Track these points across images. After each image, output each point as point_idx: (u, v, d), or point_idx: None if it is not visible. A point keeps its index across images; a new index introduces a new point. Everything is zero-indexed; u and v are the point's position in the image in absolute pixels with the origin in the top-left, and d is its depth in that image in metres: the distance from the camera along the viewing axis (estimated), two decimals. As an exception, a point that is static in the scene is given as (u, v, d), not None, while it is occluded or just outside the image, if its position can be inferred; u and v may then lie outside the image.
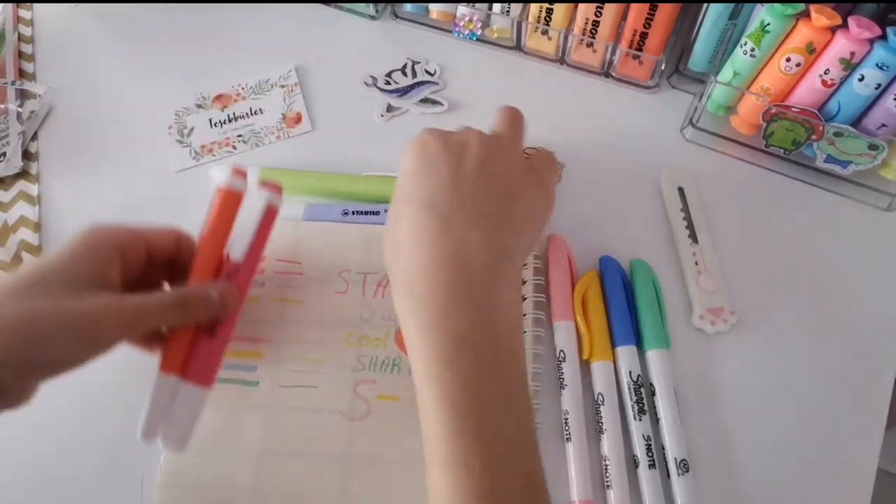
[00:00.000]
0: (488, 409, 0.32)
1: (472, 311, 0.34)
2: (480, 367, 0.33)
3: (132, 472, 0.43)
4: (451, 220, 0.36)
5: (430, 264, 0.35)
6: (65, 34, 0.63)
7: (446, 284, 0.34)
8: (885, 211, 0.52)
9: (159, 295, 0.38)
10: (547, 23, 0.56)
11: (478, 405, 0.32)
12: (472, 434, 0.31)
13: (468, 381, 0.32)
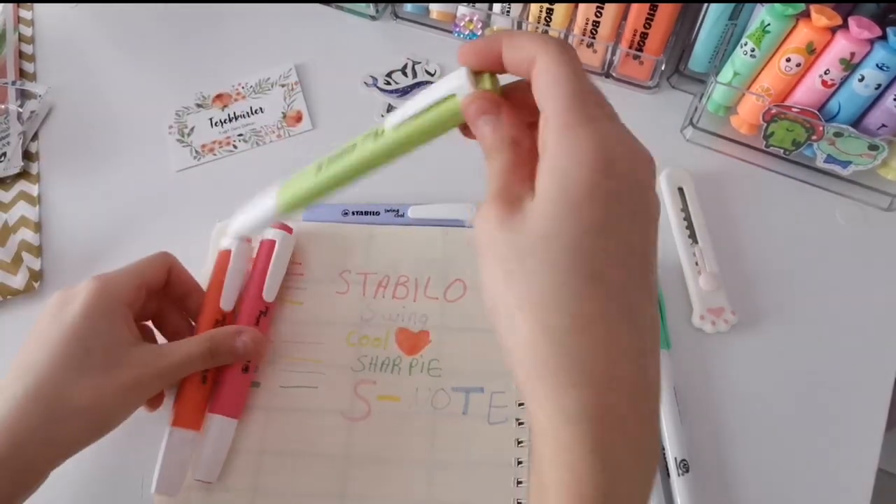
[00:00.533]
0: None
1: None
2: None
3: (132, 473, 0.43)
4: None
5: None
6: (65, 34, 0.63)
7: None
8: (885, 211, 0.52)
9: (186, 347, 0.40)
10: (547, 23, 0.56)
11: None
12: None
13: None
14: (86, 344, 0.37)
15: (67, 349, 0.37)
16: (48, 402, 0.35)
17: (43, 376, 0.36)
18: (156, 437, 0.43)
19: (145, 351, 0.39)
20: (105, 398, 0.37)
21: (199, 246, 0.49)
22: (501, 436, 0.43)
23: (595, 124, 0.27)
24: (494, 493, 0.42)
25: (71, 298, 0.38)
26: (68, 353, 0.37)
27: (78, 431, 0.37)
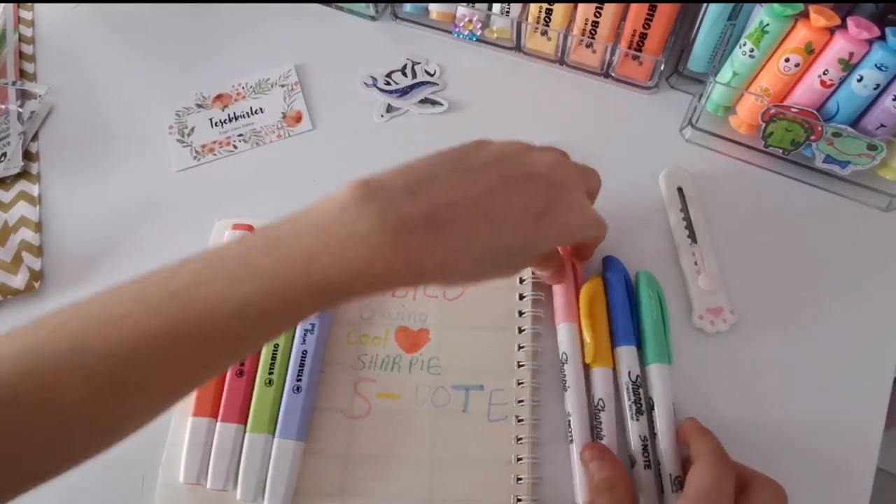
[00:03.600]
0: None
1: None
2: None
3: (133, 472, 0.43)
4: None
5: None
6: (65, 34, 0.63)
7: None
8: (884, 211, 0.52)
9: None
10: (546, 23, 0.56)
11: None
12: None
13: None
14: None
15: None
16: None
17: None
18: (156, 437, 0.43)
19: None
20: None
21: (198, 246, 0.49)
22: (501, 433, 0.43)
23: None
24: (494, 490, 0.42)
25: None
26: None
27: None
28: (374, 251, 0.31)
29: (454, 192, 0.34)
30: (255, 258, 0.31)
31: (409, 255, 0.32)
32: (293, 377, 0.43)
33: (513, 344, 0.45)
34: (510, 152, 0.37)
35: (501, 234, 0.34)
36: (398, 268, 0.31)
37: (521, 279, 0.47)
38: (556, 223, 0.36)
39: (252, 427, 0.42)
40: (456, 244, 0.33)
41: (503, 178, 0.35)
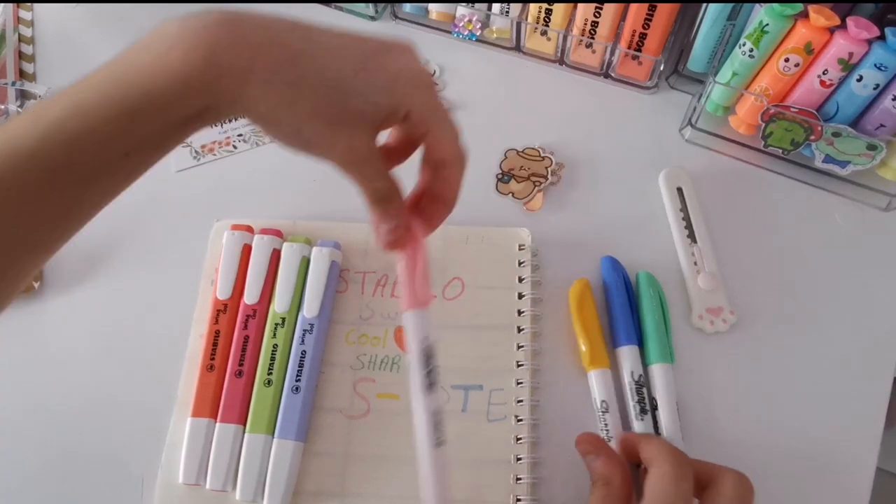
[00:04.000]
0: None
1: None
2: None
3: (133, 473, 0.43)
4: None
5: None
6: (65, 35, 0.63)
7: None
8: (884, 211, 0.52)
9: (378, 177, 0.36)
10: (546, 23, 0.56)
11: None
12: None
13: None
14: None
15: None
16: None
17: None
18: (155, 437, 0.43)
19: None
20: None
21: (198, 245, 0.49)
22: (500, 433, 0.43)
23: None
24: (494, 489, 0.42)
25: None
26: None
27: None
28: (168, 47, 0.31)
29: (276, 17, 0.33)
30: (65, 90, 0.31)
31: (207, 46, 0.30)
32: (292, 377, 0.43)
33: (512, 344, 0.45)
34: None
35: (319, 54, 0.32)
36: (195, 60, 0.30)
37: (521, 278, 0.47)
38: (386, 67, 0.33)
39: (251, 427, 0.42)
40: (268, 43, 0.31)
41: (331, 28, 0.34)
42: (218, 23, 0.31)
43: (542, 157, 0.54)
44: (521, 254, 0.48)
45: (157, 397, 0.44)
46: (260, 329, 0.45)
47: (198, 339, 0.45)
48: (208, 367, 0.44)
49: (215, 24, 0.31)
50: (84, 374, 0.46)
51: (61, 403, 0.45)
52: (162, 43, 0.31)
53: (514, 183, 0.53)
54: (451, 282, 0.47)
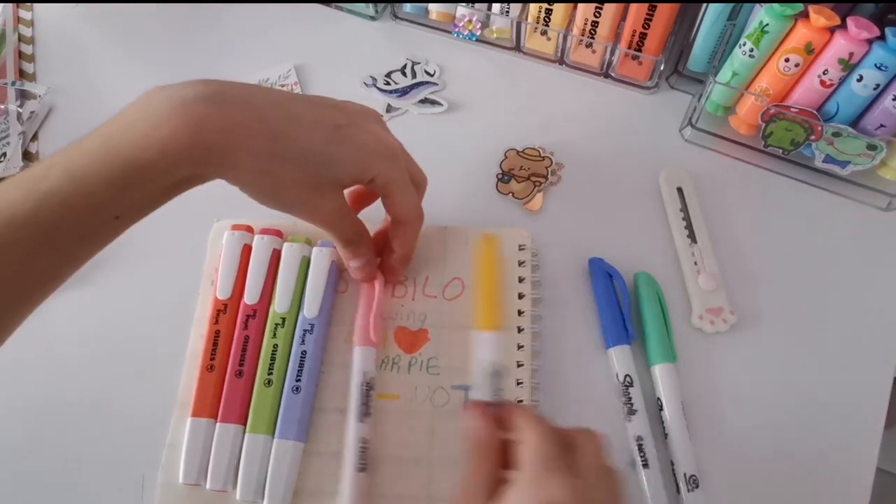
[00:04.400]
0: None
1: None
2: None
3: (133, 473, 0.43)
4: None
5: None
6: (65, 34, 0.63)
7: None
8: (884, 211, 0.52)
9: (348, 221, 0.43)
10: (546, 23, 0.56)
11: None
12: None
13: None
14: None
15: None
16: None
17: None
18: (155, 437, 0.43)
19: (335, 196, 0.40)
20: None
21: (198, 245, 0.49)
22: (500, 434, 0.43)
23: (554, 478, 0.33)
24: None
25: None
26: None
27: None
28: (158, 122, 0.33)
29: (252, 88, 0.36)
30: (55, 157, 0.33)
31: (194, 122, 0.33)
32: (292, 377, 0.43)
33: (512, 344, 0.45)
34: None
35: (295, 129, 0.36)
36: (183, 136, 0.33)
37: (521, 278, 0.47)
38: (354, 138, 0.38)
39: (251, 427, 0.42)
40: (250, 120, 0.35)
41: (306, 97, 0.39)
42: (204, 99, 0.34)
43: (542, 157, 0.54)
44: (521, 254, 0.48)
45: (158, 397, 0.44)
46: (260, 329, 0.45)
47: (198, 339, 0.45)
48: (208, 368, 0.44)
49: (202, 100, 0.34)
50: (84, 374, 0.46)
51: (61, 403, 0.45)
52: (151, 117, 0.33)
53: (515, 183, 0.53)
54: (451, 282, 0.47)
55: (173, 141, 0.33)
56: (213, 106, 0.34)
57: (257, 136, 0.35)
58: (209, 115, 0.34)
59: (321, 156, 0.37)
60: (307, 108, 0.37)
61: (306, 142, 0.36)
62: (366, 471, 0.41)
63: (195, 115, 0.33)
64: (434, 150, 0.55)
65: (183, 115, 0.33)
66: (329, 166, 0.37)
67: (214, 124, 0.34)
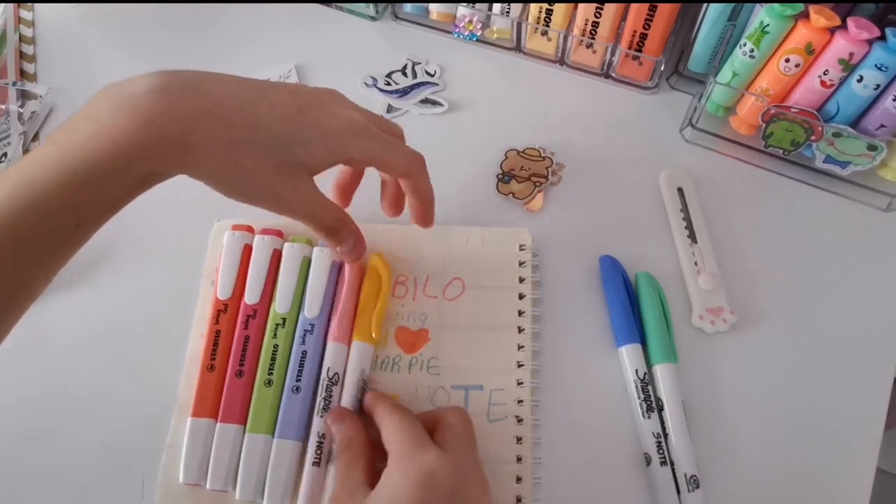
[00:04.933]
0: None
1: None
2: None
3: (133, 473, 0.43)
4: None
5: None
6: (65, 35, 0.63)
7: None
8: (884, 211, 0.52)
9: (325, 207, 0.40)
10: (547, 23, 0.56)
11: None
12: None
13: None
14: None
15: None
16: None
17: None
18: (155, 437, 0.43)
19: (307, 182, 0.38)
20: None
21: (198, 245, 0.49)
22: (501, 433, 0.43)
23: (422, 452, 0.36)
24: (494, 489, 0.41)
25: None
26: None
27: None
28: (107, 120, 0.31)
29: (204, 74, 0.35)
30: (10, 167, 0.32)
31: (144, 117, 0.31)
32: (292, 378, 0.43)
33: (513, 344, 0.45)
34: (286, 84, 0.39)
35: (255, 115, 0.34)
36: (134, 131, 0.31)
37: (521, 278, 0.47)
38: (318, 122, 0.36)
39: (251, 427, 0.42)
40: (204, 108, 0.33)
41: (263, 83, 0.37)
42: (153, 91, 0.32)
43: (542, 157, 0.54)
44: (521, 254, 0.48)
45: (158, 397, 0.44)
46: (260, 329, 0.45)
47: (198, 339, 0.45)
48: (209, 367, 0.44)
49: (152, 92, 0.32)
50: (84, 374, 0.46)
51: (61, 403, 0.45)
52: (100, 117, 0.32)
53: (515, 183, 0.53)
54: (451, 282, 0.47)
55: (123, 139, 0.31)
56: (162, 97, 0.32)
57: (214, 125, 0.33)
58: (159, 108, 0.32)
59: (285, 140, 0.35)
60: (265, 92, 0.36)
61: (268, 126, 0.35)
62: (320, 465, 0.41)
63: (145, 110, 0.32)
64: (434, 151, 0.55)
65: (132, 111, 0.32)
66: (295, 150, 0.35)
67: (165, 117, 0.32)
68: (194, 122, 0.33)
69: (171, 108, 0.32)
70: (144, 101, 0.32)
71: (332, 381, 0.43)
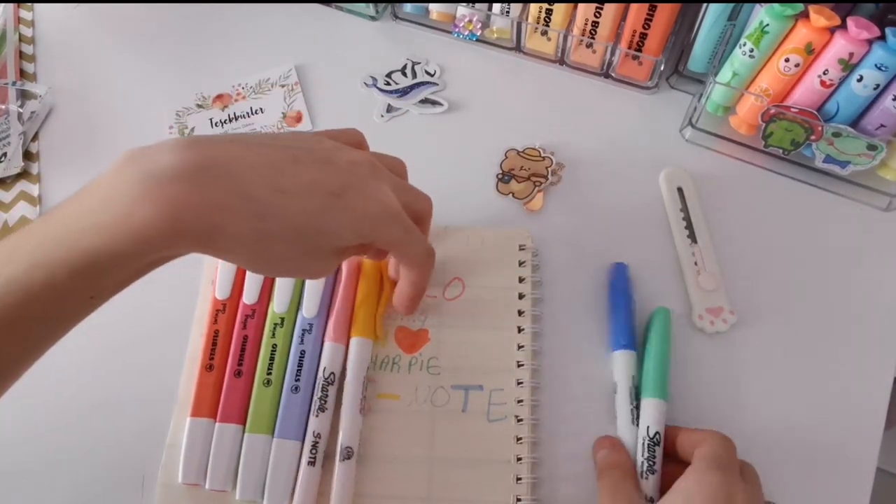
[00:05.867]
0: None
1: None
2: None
3: (133, 473, 0.43)
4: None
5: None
6: (65, 35, 0.63)
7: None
8: (884, 211, 0.52)
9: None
10: (546, 23, 0.56)
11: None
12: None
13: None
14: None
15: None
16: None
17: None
18: (155, 437, 0.43)
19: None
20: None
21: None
22: (501, 433, 0.43)
23: (727, 473, 0.37)
24: (494, 489, 0.42)
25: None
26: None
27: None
28: (129, 207, 0.29)
29: (233, 151, 0.32)
30: (21, 237, 0.31)
31: (170, 208, 0.29)
32: (291, 377, 0.43)
33: (512, 344, 0.45)
34: (313, 140, 0.36)
35: (287, 205, 0.32)
36: (158, 223, 0.29)
37: (521, 278, 0.47)
38: (351, 207, 0.34)
39: (251, 427, 0.42)
40: (232, 198, 0.31)
41: (294, 154, 0.34)
42: (180, 177, 0.30)
43: (542, 157, 0.54)
44: (521, 254, 0.48)
45: (158, 397, 0.44)
46: (259, 329, 0.45)
47: (198, 339, 0.45)
48: (207, 367, 0.44)
49: (178, 178, 0.30)
50: (84, 374, 0.46)
51: (61, 403, 0.45)
52: (122, 199, 0.29)
53: (515, 183, 0.53)
54: (451, 282, 0.47)
55: (146, 229, 0.29)
56: (189, 185, 0.30)
57: (242, 218, 0.31)
58: (186, 199, 0.29)
59: (314, 229, 0.33)
60: (298, 172, 0.33)
61: (297, 215, 0.33)
62: (314, 465, 0.41)
63: (170, 199, 0.29)
64: (434, 151, 0.55)
65: (157, 199, 0.29)
66: (324, 238, 0.34)
67: (192, 211, 0.30)
68: (222, 216, 0.31)
69: (198, 198, 0.30)
70: (170, 188, 0.29)
71: (328, 381, 0.43)
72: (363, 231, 0.35)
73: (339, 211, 0.34)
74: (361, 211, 0.35)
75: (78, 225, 0.30)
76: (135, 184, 0.29)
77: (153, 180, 0.29)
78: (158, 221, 0.29)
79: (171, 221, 0.29)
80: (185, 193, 0.30)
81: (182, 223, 0.30)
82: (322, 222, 0.33)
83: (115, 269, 0.31)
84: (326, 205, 0.33)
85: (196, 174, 0.30)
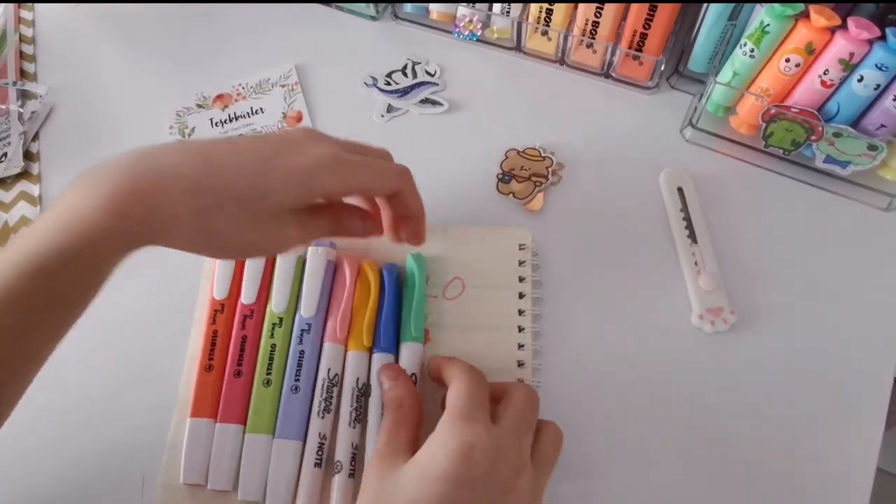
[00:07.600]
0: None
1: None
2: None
3: (133, 473, 0.43)
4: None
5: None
6: (65, 35, 0.63)
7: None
8: (885, 211, 0.52)
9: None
10: (547, 23, 0.56)
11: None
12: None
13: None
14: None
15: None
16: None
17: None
18: (156, 437, 0.43)
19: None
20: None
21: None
22: (500, 434, 0.43)
23: (471, 424, 0.35)
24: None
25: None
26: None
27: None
28: (74, 202, 0.32)
29: (170, 147, 0.35)
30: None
31: (109, 196, 0.32)
32: (291, 377, 0.43)
33: (513, 344, 0.45)
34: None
35: (222, 174, 0.34)
36: (99, 213, 0.31)
37: (522, 278, 0.47)
38: (286, 164, 0.35)
39: (251, 427, 0.42)
40: (164, 181, 0.33)
41: (233, 138, 0.37)
42: (119, 170, 0.32)
43: (542, 157, 0.54)
44: (521, 253, 0.48)
45: (159, 397, 0.44)
46: (257, 329, 0.45)
47: (198, 340, 0.45)
48: (207, 368, 0.44)
49: (117, 171, 0.32)
50: (84, 374, 0.46)
51: (61, 404, 0.45)
52: (68, 199, 0.32)
53: (515, 183, 0.53)
54: (451, 282, 0.47)
55: (89, 219, 0.31)
56: (126, 176, 0.32)
57: (176, 198, 0.33)
58: (123, 186, 0.32)
59: (254, 193, 0.34)
60: (228, 148, 0.35)
61: (231, 183, 0.34)
62: (320, 467, 0.41)
63: (109, 188, 0.32)
64: (434, 151, 0.55)
65: (97, 191, 0.32)
66: (266, 200, 0.35)
67: (129, 194, 0.32)
68: (155, 198, 0.32)
69: (133, 185, 0.32)
70: (106, 181, 0.32)
71: (332, 383, 0.43)
72: (304, 184, 0.35)
73: (275, 170, 0.35)
74: (295, 165, 0.35)
75: (31, 230, 0.32)
76: (79, 186, 0.32)
77: (94, 178, 0.32)
78: (99, 211, 0.31)
79: (111, 208, 0.31)
80: (121, 182, 0.32)
81: (120, 208, 0.32)
82: (262, 184, 0.34)
83: (68, 268, 0.32)
84: (262, 168, 0.35)
85: (132, 166, 0.33)
